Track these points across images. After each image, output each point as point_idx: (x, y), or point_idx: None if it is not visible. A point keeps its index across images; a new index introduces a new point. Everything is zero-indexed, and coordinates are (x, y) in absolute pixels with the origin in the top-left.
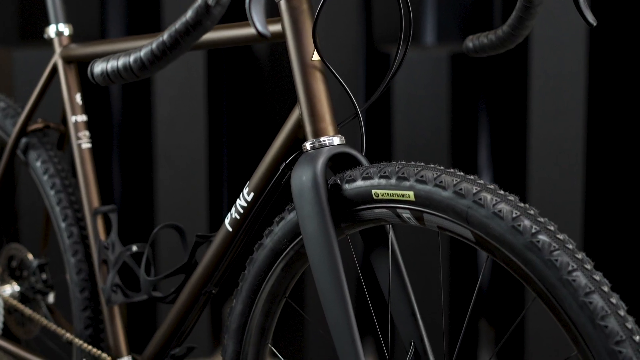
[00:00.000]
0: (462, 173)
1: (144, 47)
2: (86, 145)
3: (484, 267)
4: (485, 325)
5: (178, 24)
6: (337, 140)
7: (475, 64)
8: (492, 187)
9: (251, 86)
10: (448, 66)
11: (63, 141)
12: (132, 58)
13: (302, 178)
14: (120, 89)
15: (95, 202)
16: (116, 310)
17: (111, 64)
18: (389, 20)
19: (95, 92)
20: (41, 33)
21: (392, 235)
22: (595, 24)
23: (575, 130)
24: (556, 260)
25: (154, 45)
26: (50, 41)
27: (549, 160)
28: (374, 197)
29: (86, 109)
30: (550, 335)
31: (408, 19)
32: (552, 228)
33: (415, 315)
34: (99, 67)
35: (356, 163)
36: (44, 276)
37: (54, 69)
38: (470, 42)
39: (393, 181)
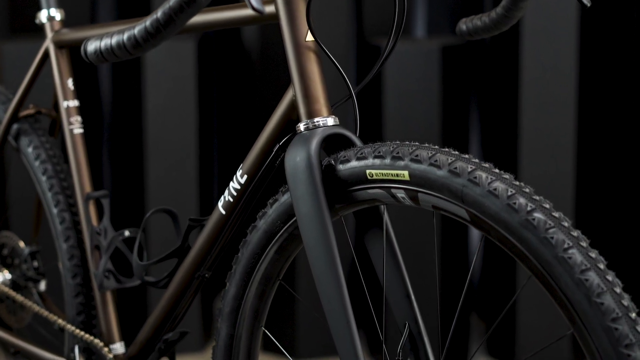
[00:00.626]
0: (456, 152)
1: (137, 25)
2: (78, 130)
3: (478, 248)
4: (476, 319)
5: (172, 1)
6: (331, 121)
7: (467, 57)
8: (487, 165)
9: (242, 77)
10: (439, 59)
11: (55, 127)
12: (125, 36)
13: (296, 159)
14: (110, 75)
15: (88, 188)
16: (109, 296)
17: (105, 42)
18: (380, 13)
19: (84, 80)
20: (31, 26)
21: (386, 216)
22: (589, 5)
23: (566, 123)
24: (552, 237)
25: (147, 23)
26: (41, 26)
27: (540, 153)
28: (368, 177)
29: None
30: (541, 327)
31: None
32: (547, 206)
33: (409, 296)
34: (92, 46)
35: (350, 144)
36: (35, 264)
37: (46, 54)
38: (464, 24)
39: (387, 161)
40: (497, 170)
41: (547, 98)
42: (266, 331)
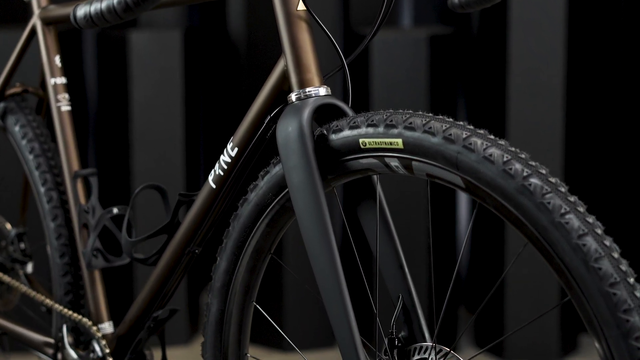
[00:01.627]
0: (451, 119)
1: None
2: (65, 107)
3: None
4: (464, 312)
5: None
6: (323, 91)
7: (454, 46)
8: (482, 132)
9: (228, 67)
10: (427, 49)
11: (42, 106)
12: (115, 0)
13: (288, 129)
14: (95, 63)
15: (75, 166)
16: (97, 275)
17: (95, 7)
18: (366, 3)
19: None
20: (13, 16)
21: (379, 188)
22: None
23: (554, 113)
24: (548, 203)
25: None
26: (28, 3)
27: (528, 142)
28: (362, 146)
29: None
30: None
31: None
32: (543, 172)
33: (402, 268)
34: (81, 11)
35: (342, 115)
36: (22, 245)
37: (33, 31)
38: None
39: (381, 129)
40: (492, 137)
41: (535, 88)
42: (257, 306)
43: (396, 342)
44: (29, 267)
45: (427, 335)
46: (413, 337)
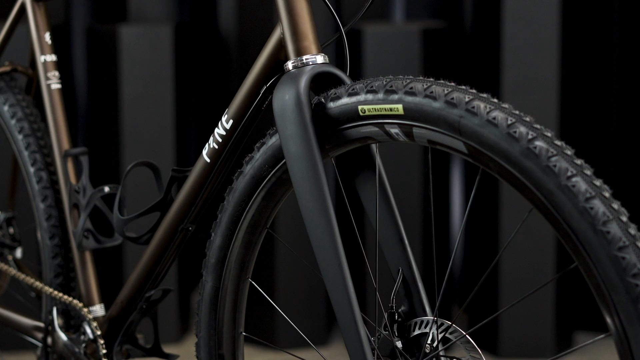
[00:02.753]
0: (453, 84)
1: None
2: (56, 85)
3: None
4: (458, 312)
5: None
6: (320, 59)
7: (447, 41)
8: (485, 95)
9: (218, 63)
10: (419, 43)
11: (31, 85)
12: None
13: (285, 97)
14: (85, 59)
15: (66, 145)
16: (88, 256)
17: None
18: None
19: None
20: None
21: (378, 160)
22: None
23: (548, 107)
24: (554, 166)
25: None
26: None
27: None
28: (361, 113)
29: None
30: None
31: None
32: (549, 134)
33: (402, 240)
34: None
35: (340, 84)
36: (11, 230)
37: (22, 8)
38: None
39: (380, 95)
40: (495, 100)
41: (529, 82)
42: (253, 282)
43: (396, 316)
44: (18, 252)
45: (427, 309)
46: (413, 312)
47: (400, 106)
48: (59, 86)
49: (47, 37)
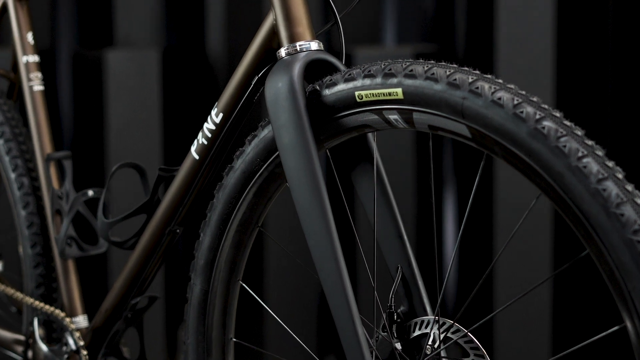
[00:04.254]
0: (455, 65)
1: None
2: (38, 87)
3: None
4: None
5: None
6: (314, 45)
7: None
8: (489, 76)
9: (206, 88)
10: None
11: (13, 90)
12: None
13: (278, 85)
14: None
15: (48, 148)
16: (71, 265)
17: None
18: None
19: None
20: None
21: (376, 151)
22: None
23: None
24: (564, 146)
25: None
26: None
27: None
28: (358, 99)
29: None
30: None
31: None
32: (557, 114)
33: (402, 237)
34: None
35: (335, 72)
36: None
37: (4, 8)
38: None
39: (379, 79)
40: (500, 81)
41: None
42: (244, 285)
43: (395, 317)
44: None
45: (428, 308)
46: (413, 311)
47: (399, 90)
48: (41, 88)
49: (30, 37)
